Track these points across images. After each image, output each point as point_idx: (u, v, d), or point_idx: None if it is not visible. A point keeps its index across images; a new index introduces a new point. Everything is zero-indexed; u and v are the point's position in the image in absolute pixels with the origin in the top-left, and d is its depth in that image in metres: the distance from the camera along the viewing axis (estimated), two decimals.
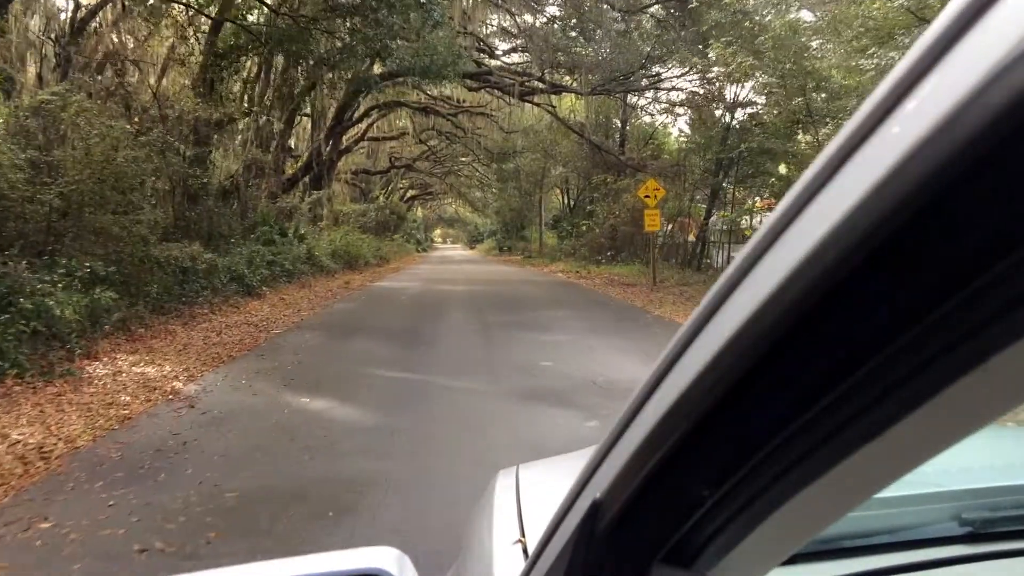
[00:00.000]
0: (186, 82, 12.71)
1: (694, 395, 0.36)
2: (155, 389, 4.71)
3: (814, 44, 11.72)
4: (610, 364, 5.57)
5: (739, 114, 15.42)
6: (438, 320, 8.67)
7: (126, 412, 4.13)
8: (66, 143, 7.50)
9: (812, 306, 0.28)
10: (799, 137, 12.44)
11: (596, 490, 0.47)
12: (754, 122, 13.12)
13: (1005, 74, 0.20)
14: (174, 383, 4.92)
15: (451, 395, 4.63)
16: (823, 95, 11.29)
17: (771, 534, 0.39)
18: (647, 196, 13.34)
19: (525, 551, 0.82)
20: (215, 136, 14.77)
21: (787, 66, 9.95)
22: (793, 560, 0.63)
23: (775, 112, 12.12)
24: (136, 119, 10.08)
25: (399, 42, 8.64)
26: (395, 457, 3.34)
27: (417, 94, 24.04)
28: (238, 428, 3.80)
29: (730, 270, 0.34)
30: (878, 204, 0.24)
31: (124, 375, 5.11)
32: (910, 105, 0.24)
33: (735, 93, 14.36)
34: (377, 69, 18.87)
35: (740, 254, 0.34)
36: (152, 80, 12.10)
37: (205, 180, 11.83)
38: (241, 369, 5.45)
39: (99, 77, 11.09)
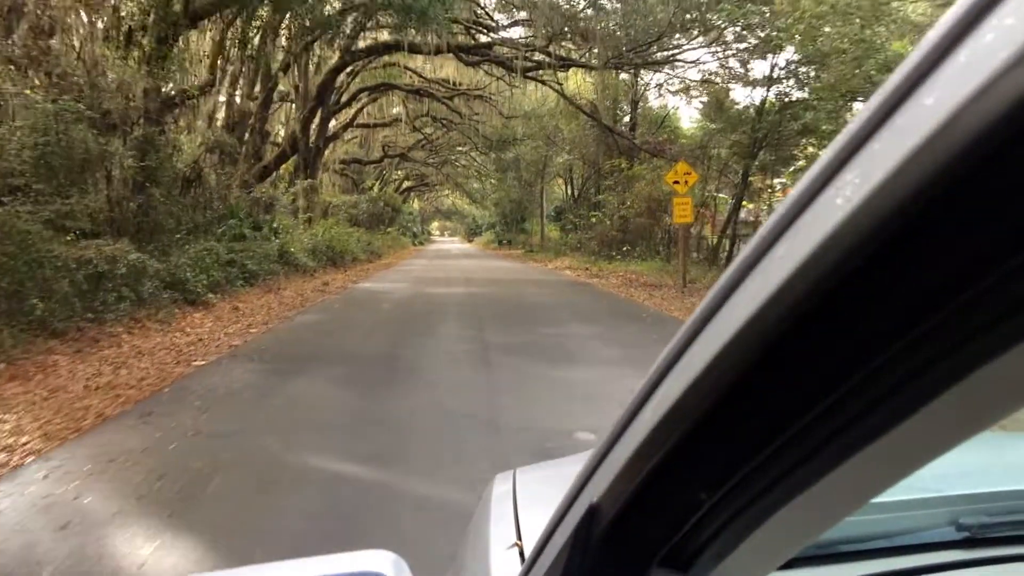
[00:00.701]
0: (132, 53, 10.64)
1: (692, 398, 0.35)
2: None
3: None
4: None
5: (774, 89, 13.35)
6: (424, 343, 6.61)
7: None
8: None
9: (812, 308, 0.27)
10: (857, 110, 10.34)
11: (593, 494, 0.46)
12: (809, 92, 11.02)
13: (1014, 68, 0.20)
14: None
15: (425, 533, 2.56)
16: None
17: (768, 538, 0.38)
18: (676, 182, 11.29)
19: (522, 555, 0.80)
20: (174, 113, 12.79)
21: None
22: (790, 564, 0.63)
23: (832, 80, 10.03)
24: (40, 84, 7.97)
25: None
26: None
27: (410, 76, 22.03)
28: None
29: (731, 269, 0.33)
30: (884, 201, 0.23)
31: None
32: (921, 98, 0.23)
33: (775, 59, 12.28)
34: (362, 45, 16.86)
35: (742, 254, 0.32)
36: (79, 43, 9.95)
37: (150, 164, 9.75)
38: (95, 449, 3.40)
39: (44, 43, 9.01)
